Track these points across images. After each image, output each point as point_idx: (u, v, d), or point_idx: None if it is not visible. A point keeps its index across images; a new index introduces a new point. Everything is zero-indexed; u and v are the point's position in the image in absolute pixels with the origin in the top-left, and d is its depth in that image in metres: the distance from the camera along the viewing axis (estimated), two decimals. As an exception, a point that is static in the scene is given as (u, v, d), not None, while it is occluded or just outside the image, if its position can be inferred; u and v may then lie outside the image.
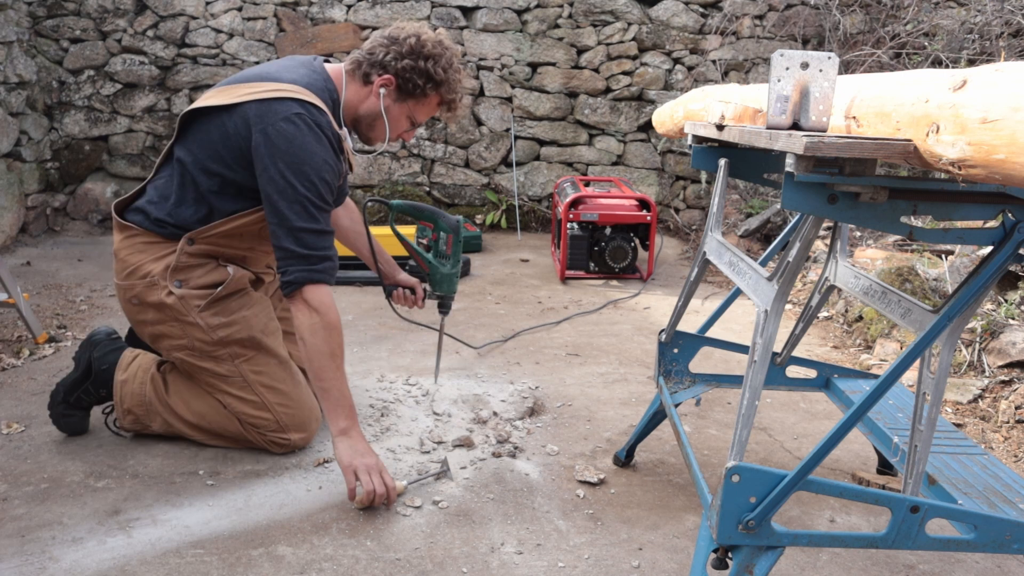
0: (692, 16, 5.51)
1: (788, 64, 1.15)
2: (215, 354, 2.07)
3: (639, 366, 2.99)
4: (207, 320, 2.04)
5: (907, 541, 1.29)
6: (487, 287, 4.15)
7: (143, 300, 2.05)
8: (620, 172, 5.68)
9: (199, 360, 2.08)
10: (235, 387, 2.09)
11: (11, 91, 4.76)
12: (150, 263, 2.04)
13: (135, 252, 2.05)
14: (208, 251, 2.07)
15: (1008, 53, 4.73)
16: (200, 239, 2.04)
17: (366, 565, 1.68)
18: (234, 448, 2.18)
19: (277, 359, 2.14)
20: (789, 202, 1.17)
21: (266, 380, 2.11)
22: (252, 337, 2.10)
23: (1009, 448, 2.32)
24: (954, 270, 3.33)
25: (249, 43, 5.30)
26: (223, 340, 2.06)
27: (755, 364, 1.28)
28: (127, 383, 2.14)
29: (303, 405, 2.15)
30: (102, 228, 5.32)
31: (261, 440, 2.13)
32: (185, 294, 2.03)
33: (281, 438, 2.12)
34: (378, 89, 2.00)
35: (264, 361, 2.12)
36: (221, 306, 2.07)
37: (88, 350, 2.21)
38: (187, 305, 2.03)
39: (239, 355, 2.09)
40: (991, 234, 1.23)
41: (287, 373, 2.15)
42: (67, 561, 1.66)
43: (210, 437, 2.17)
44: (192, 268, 2.05)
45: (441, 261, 2.30)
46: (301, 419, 2.14)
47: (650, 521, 1.89)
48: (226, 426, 2.14)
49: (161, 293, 2.03)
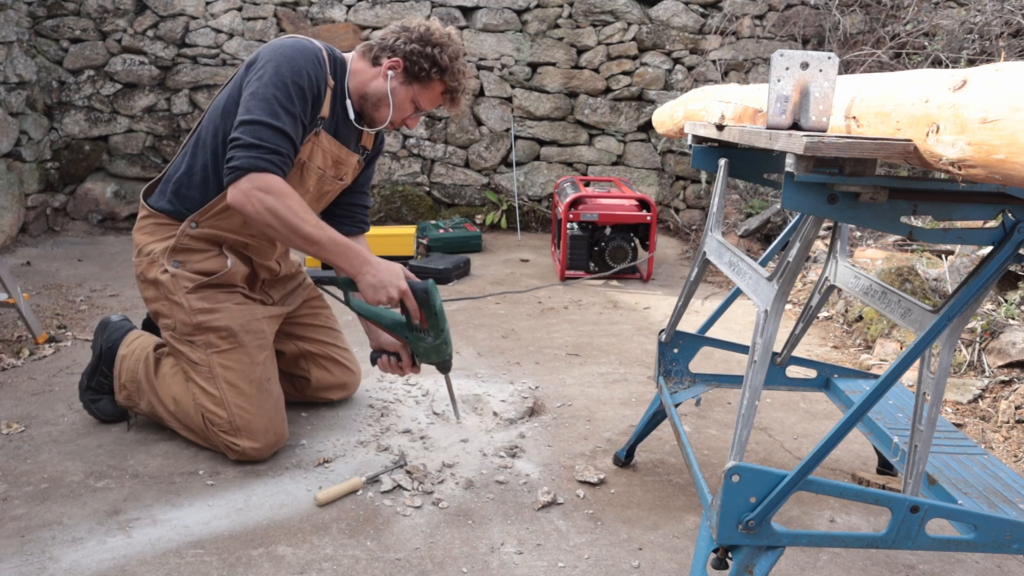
0: (692, 16, 5.51)
1: (788, 64, 1.15)
2: (192, 338, 2.07)
3: (639, 366, 2.99)
4: (191, 302, 2.06)
5: (907, 541, 1.29)
6: (487, 287, 4.15)
7: (145, 277, 2.12)
8: (620, 172, 5.68)
9: (178, 343, 2.10)
10: (201, 377, 2.08)
11: (11, 91, 4.76)
12: (155, 243, 2.11)
13: (146, 233, 2.14)
14: (211, 235, 2.09)
15: (1008, 53, 4.73)
16: (203, 221, 2.07)
17: (366, 565, 1.68)
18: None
19: (250, 360, 2.09)
20: (789, 202, 1.16)
21: (231, 377, 2.06)
22: (230, 328, 2.07)
23: (1009, 448, 2.32)
24: (954, 270, 3.33)
25: (249, 43, 5.30)
26: (201, 325, 2.06)
27: (755, 364, 1.28)
28: (126, 359, 2.22)
29: (262, 414, 2.07)
30: (102, 228, 5.33)
31: (216, 440, 2.09)
32: (177, 273, 2.06)
33: (231, 441, 2.05)
34: (386, 70, 2.07)
35: (236, 358, 2.08)
36: (209, 292, 2.08)
37: (100, 334, 2.30)
38: (176, 284, 2.06)
39: (213, 344, 2.07)
40: (991, 234, 1.23)
41: (255, 377, 2.09)
42: (67, 561, 1.66)
43: (182, 428, 2.18)
44: (192, 252, 2.09)
45: (419, 335, 2.03)
46: (255, 427, 2.05)
47: (650, 521, 1.89)
48: (191, 422, 2.13)
49: (157, 270, 2.08)
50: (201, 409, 2.08)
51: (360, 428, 2.35)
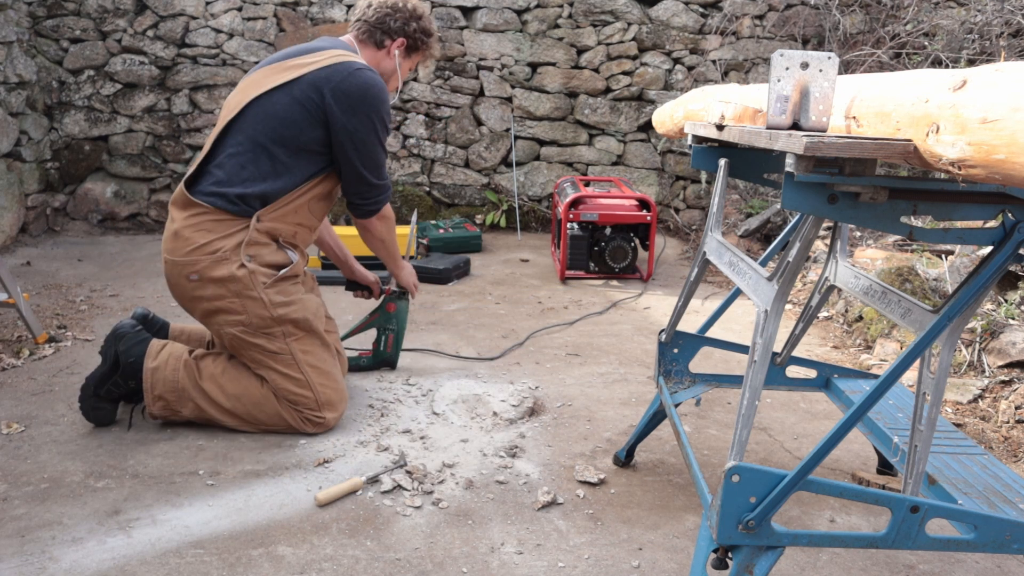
0: (692, 16, 5.51)
1: (788, 64, 1.15)
2: (269, 331, 2.20)
3: (639, 366, 2.99)
4: (271, 297, 2.19)
5: (907, 541, 1.29)
6: (487, 287, 4.15)
7: (205, 275, 2.15)
8: (620, 172, 5.68)
9: (252, 336, 2.19)
10: (283, 364, 2.22)
11: (11, 91, 4.76)
12: (220, 240, 2.15)
13: (202, 230, 2.15)
14: (269, 229, 2.21)
15: (1008, 53, 4.73)
16: (266, 217, 2.19)
17: (366, 565, 1.68)
18: (234, 448, 2.19)
19: (321, 342, 2.31)
20: (789, 202, 1.16)
21: (312, 360, 2.26)
22: (306, 319, 2.25)
23: (1009, 448, 2.32)
24: (954, 270, 3.33)
25: (249, 43, 5.30)
26: (280, 318, 2.20)
27: (755, 364, 1.28)
28: (158, 370, 2.21)
29: (339, 387, 2.31)
30: (102, 228, 5.33)
31: (296, 419, 2.24)
32: (255, 269, 2.17)
33: (316, 416, 2.25)
34: (394, 51, 2.38)
35: (311, 342, 2.28)
36: (283, 287, 2.23)
37: (114, 344, 2.28)
38: (254, 280, 2.16)
39: (291, 334, 2.23)
40: (991, 234, 1.23)
41: (329, 355, 2.33)
42: (67, 561, 1.66)
43: (240, 422, 2.25)
44: (261, 246, 2.20)
45: None
46: (336, 399, 2.29)
47: (650, 521, 1.89)
48: (259, 410, 2.24)
49: (232, 267, 2.14)
50: (283, 393, 2.22)
51: (360, 428, 2.35)
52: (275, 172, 2.18)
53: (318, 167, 2.23)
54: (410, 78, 1.99)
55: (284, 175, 2.18)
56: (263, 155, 2.16)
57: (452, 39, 5.41)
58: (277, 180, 2.18)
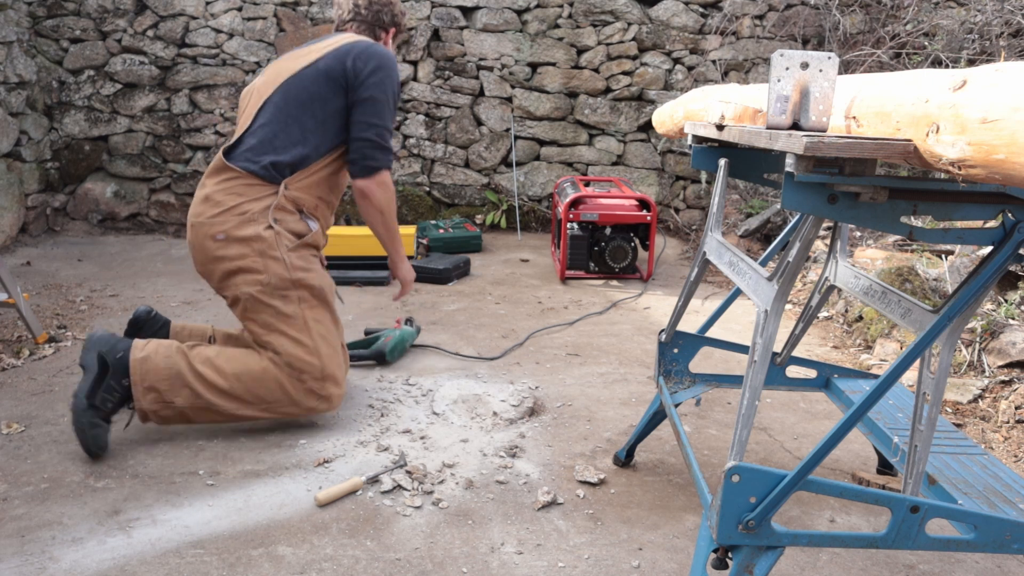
0: (692, 16, 5.51)
1: (788, 64, 1.15)
2: (286, 293, 2.25)
3: (639, 366, 2.99)
4: (292, 260, 2.26)
5: (907, 541, 1.29)
6: (487, 287, 4.15)
7: (232, 235, 2.22)
8: (620, 172, 5.67)
9: (268, 297, 2.23)
10: (294, 328, 2.25)
11: (11, 91, 4.76)
12: (249, 203, 2.24)
13: (232, 193, 2.25)
14: (295, 198, 2.29)
15: (1008, 53, 4.73)
16: (293, 185, 2.28)
17: (366, 565, 1.68)
18: (234, 448, 2.19)
19: (332, 316, 2.37)
20: (789, 202, 1.16)
21: (322, 331, 2.30)
22: (321, 288, 2.31)
23: (1009, 448, 2.32)
24: (954, 270, 3.33)
25: (249, 43, 5.30)
26: (298, 282, 2.25)
27: (755, 364, 1.28)
28: (148, 359, 2.17)
29: (342, 367, 2.35)
30: (102, 228, 5.33)
31: (298, 390, 2.24)
32: (281, 231, 2.25)
33: (320, 387, 2.26)
34: (389, 39, 2.54)
35: (323, 314, 2.32)
36: (303, 253, 2.31)
37: (94, 348, 2.19)
38: (279, 241, 2.24)
39: (305, 300, 2.28)
40: (991, 234, 1.23)
41: (338, 333, 2.38)
42: (67, 561, 1.66)
43: (240, 404, 2.21)
44: (287, 212, 2.28)
45: None
46: (339, 376, 2.31)
47: (650, 521, 1.89)
48: (259, 384, 2.22)
49: (259, 227, 2.22)
50: (291, 359, 2.23)
51: (360, 428, 2.35)
52: (304, 139, 2.29)
53: (340, 139, 2.34)
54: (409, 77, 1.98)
55: (312, 141, 2.29)
56: (294, 124, 2.28)
57: (452, 39, 5.41)
58: (306, 146, 2.28)
